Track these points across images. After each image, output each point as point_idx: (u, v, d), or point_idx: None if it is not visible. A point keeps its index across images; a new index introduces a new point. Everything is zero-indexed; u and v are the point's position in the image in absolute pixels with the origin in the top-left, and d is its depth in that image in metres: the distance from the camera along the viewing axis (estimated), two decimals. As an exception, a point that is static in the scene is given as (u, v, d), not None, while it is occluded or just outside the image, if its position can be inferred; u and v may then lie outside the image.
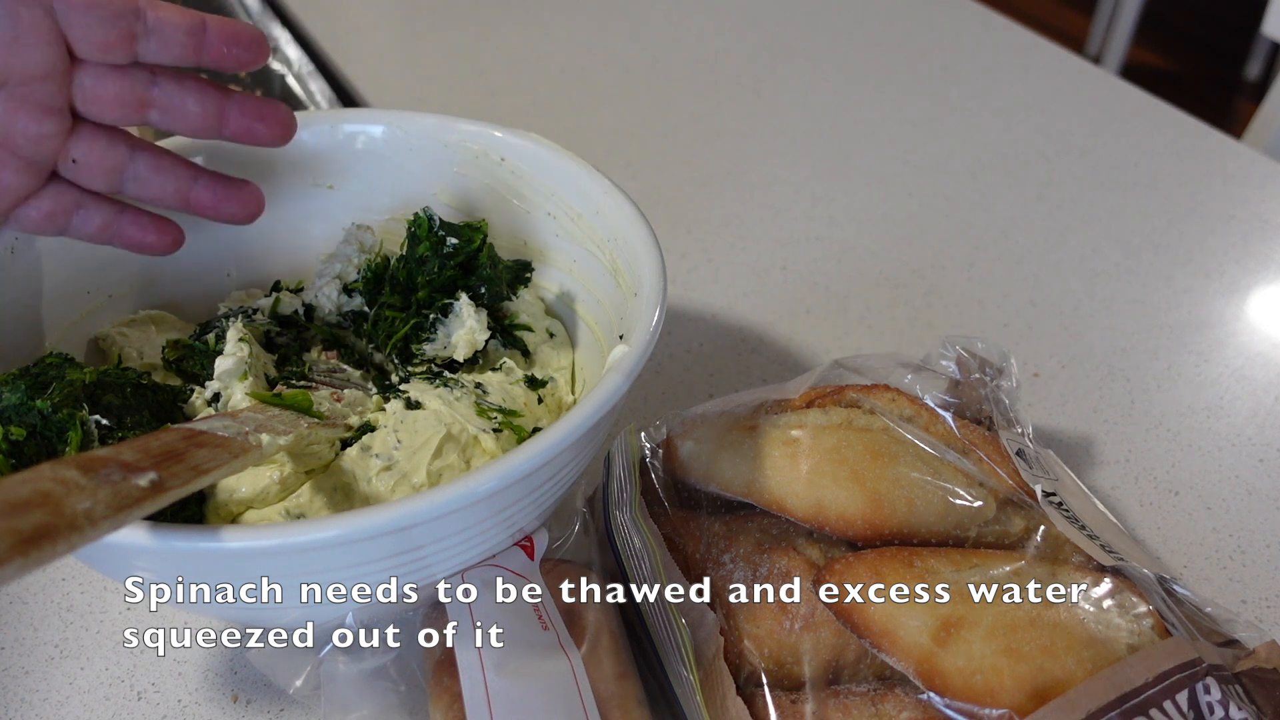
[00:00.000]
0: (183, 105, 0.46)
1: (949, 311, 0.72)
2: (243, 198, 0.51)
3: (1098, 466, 0.61)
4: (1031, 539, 0.46)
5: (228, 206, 0.51)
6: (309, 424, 0.45)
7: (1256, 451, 0.62)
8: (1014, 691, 0.39)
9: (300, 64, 0.92)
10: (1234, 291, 0.74)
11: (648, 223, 0.51)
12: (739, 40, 1.03)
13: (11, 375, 0.43)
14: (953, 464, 0.47)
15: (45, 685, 0.50)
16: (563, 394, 0.54)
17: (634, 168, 0.85)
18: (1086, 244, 0.78)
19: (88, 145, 0.46)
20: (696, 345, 0.69)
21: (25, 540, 0.27)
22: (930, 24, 1.06)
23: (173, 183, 0.49)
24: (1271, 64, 2.51)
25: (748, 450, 0.48)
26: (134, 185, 0.48)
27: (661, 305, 0.46)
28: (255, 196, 0.52)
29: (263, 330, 0.54)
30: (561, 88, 0.95)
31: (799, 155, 0.87)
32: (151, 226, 0.50)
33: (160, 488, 0.33)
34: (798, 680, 0.43)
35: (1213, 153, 0.88)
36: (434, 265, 0.53)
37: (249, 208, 0.51)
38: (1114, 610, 0.42)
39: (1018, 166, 0.86)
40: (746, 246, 0.77)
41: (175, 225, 0.51)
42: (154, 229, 0.50)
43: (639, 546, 0.47)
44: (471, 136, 0.56)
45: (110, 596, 0.53)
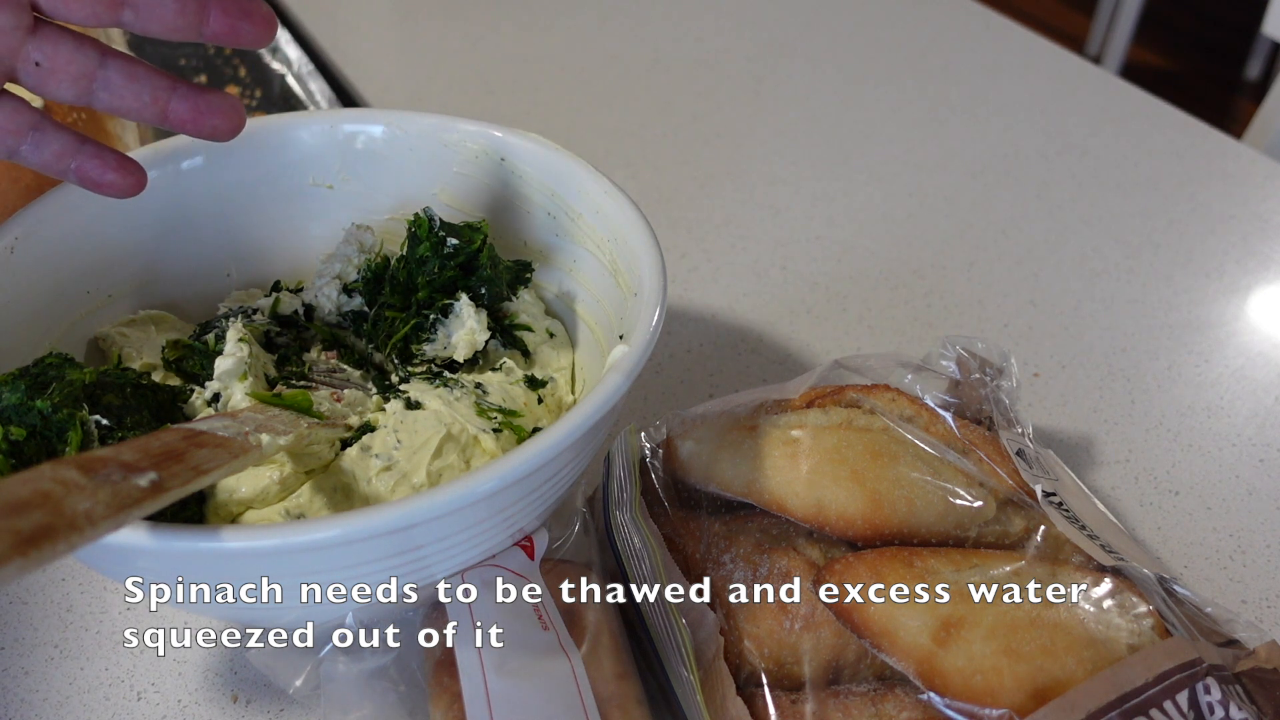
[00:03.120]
0: (160, 2, 0.42)
1: (949, 311, 0.72)
2: (224, 109, 0.46)
3: (1098, 466, 0.61)
4: (1031, 539, 0.46)
5: (209, 119, 0.45)
6: (309, 424, 0.45)
7: (1256, 451, 0.62)
8: (1014, 691, 0.39)
9: (300, 64, 0.92)
10: (1234, 291, 0.74)
11: (648, 223, 0.51)
12: (739, 40, 1.03)
13: (11, 375, 0.43)
14: (953, 464, 0.47)
15: (45, 685, 0.50)
16: (563, 394, 0.54)
17: (634, 168, 0.85)
18: (1086, 244, 0.78)
19: (52, 47, 0.42)
20: (696, 345, 0.69)
21: (25, 540, 0.27)
22: (930, 24, 1.06)
23: (148, 92, 0.44)
24: (1271, 64, 2.51)
25: (748, 450, 0.48)
26: (105, 95, 0.43)
27: (661, 305, 0.46)
28: (236, 108, 0.46)
29: (263, 330, 0.54)
30: (561, 88, 0.95)
31: (799, 155, 0.87)
32: (114, 162, 0.45)
33: (160, 488, 0.33)
34: (798, 680, 0.43)
35: (1213, 153, 0.88)
36: (434, 265, 0.52)
37: (231, 120, 0.46)
38: (1114, 610, 0.42)
39: (1018, 166, 0.86)
40: (746, 246, 0.77)
41: (139, 166, 0.46)
42: (116, 166, 0.45)
43: (639, 546, 0.47)
44: (471, 136, 0.56)
45: (110, 596, 0.53)
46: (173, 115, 0.45)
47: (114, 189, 0.46)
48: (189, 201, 0.56)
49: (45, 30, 0.42)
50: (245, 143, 0.56)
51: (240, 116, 0.46)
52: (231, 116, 0.46)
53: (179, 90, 0.45)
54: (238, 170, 0.56)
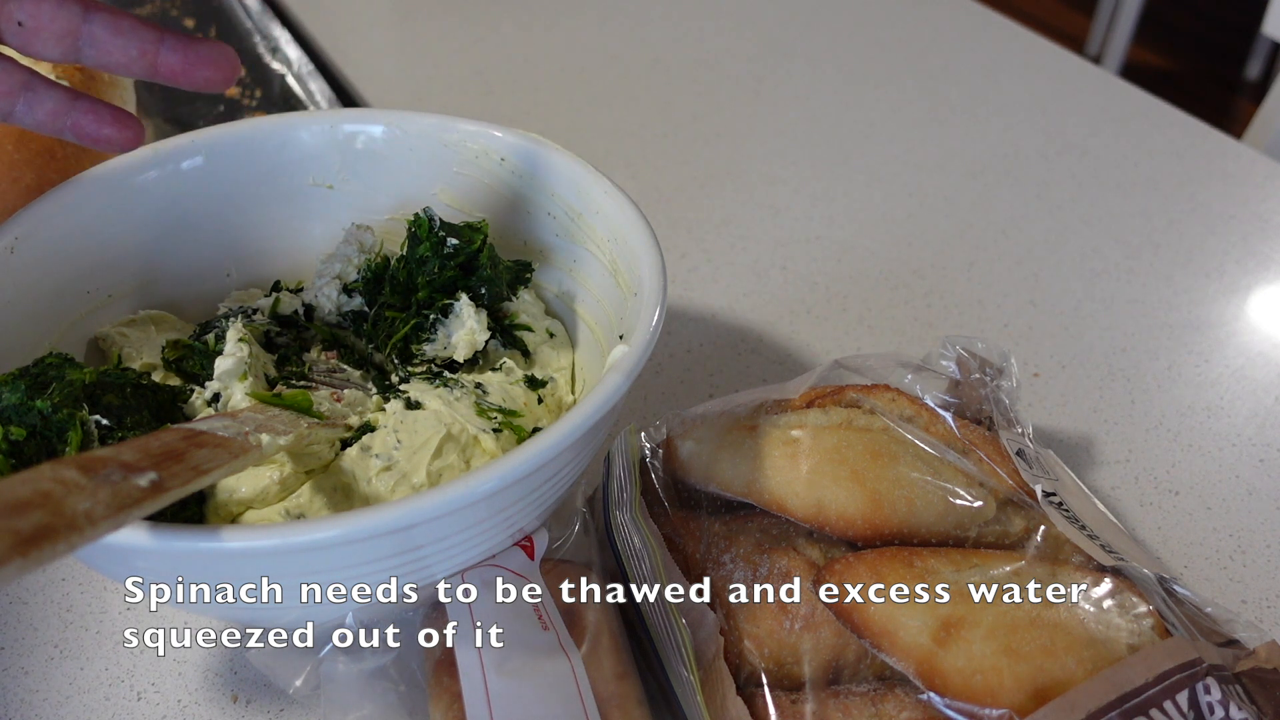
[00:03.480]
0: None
1: (949, 311, 0.72)
2: (215, 59, 0.44)
3: (1098, 466, 0.61)
4: (1031, 539, 0.46)
5: (200, 70, 0.44)
6: (309, 424, 0.45)
7: (1256, 451, 0.62)
8: (1014, 691, 0.39)
9: (300, 64, 0.92)
10: (1234, 291, 0.74)
11: (648, 223, 0.51)
12: (739, 40, 1.03)
13: (11, 375, 0.43)
14: (953, 464, 0.47)
15: (45, 685, 0.50)
16: (563, 394, 0.54)
17: (634, 168, 0.85)
18: (1086, 244, 0.78)
19: (34, 6, 0.41)
20: (696, 345, 0.69)
21: (25, 540, 0.27)
22: (930, 24, 1.06)
23: (136, 45, 0.43)
24: (1271, 64, 2.51)
25: (748, 450, 0.48)
26: (92, 51, 0.43)
27: (661, 305, 0.46)
28: (228, 57, 0.45)
29: (263, 330, 0.54)
30: (561, 88, 0.95)
31: (799, 155, 0.87)
32: (109, 117, 0.45)
33: (160, 488, 0.33)
34: (798, 680, 0.43)
35: (1213, 153, 0.88)
36: (434, 265, 0.52)
37: (223, 71, 0.45)
38: (1114, 610, 0.42)
39: (1018, 166, 0.86)
40: (746, 246, 0.77)
41: (135, 120, 0.46)
42: (112, 120, 0.45)
43: (639, 546, 0.47)
44: (471, 136, 0.56)
45: (110, 596, 0.53)
46: (163, 67, 0.44)
47: (111, 143, 0.46)
48: (189, 201, 0.56)
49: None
50: (245, 143, 0.56)
51: (233, 66, 0.45)
52: (223, 67, 0.45)
53: (167, 41, 0.44)
54: (238, 170, 0.56)
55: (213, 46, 0.44)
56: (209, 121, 0.83)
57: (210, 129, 0.56)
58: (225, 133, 0.56)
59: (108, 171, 0.53)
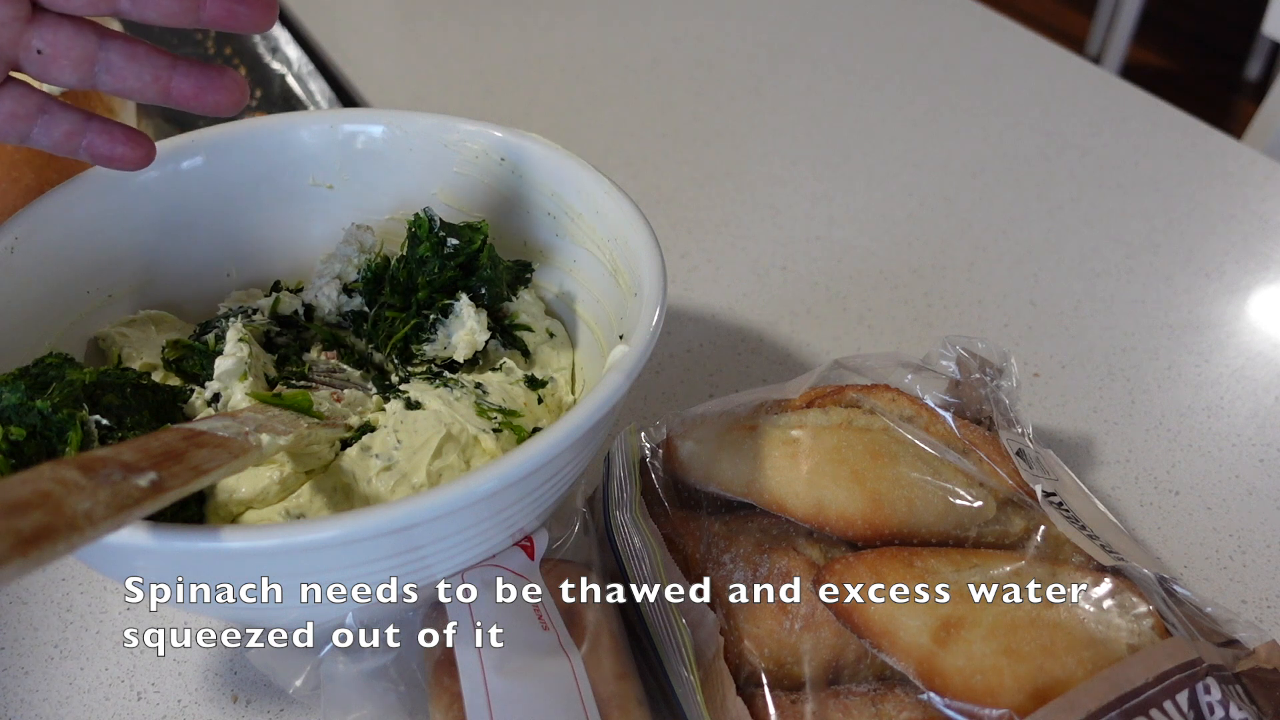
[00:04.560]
0: None
1: (949, 311, 0.72)
2: (226, 85, 0.46)
3: (1098, 466, 0.61)
4: (1031, 539, 0.46)
5: (211, 95, 0.46)
6: (309, 424, 0.45)
7: (1256, 451, 0.62)
8: (1014, 691, 0.39)
9: (300, 64, 0.92)
10: (1234, 291, 0.74)
11: (648, 223, 0.51)
12: (739, 40, 1.03)
13: (11, 375, 0.43)
14: (953, 464, 0.47)
15: (45, 685, 0.50)
16: (563, 394, 0.54)
17: (634, 168, 0.85)
18: (1086, 244, 0.78)
19: (52, 34, 0.42)
20: (696, 345, 0.69)
21: (25, 540, 0.27)
22: (930, 24, 1.06)
23: (150, 71, 0.44)
24: (1271, 64, 2.51)
25: (748, 450, 0.48)
26: (107, 77, 0.44)
27: (661, 305, 0.46)
28: (238, 83, 0.46)
29: (263, 330, 0.54)
30: (561, 88, 0.95)
31: (799, 155, 0.87)
32: (122, 137, 0.46)
33: (160, 488, 0.33)
34: (798, 680, 0.43)
35: (1213, 153, 0.88)
36: (434, 266, 0.53)
37: (233, 95, 0.46)
38: (1114, 610, 0.42)
39: (1018, 166, 0.86)
40: (746, 247, 0.77)
41: (146, 138, 0.47)
42: (125, 140, 0.46)
43: (639, 546, 0.47)
44: (471, 136, 0.56)
45: (110, 596, 0.53)
46: (175, 93, 0.45)
47: (125, 161, 0.47)
48: (189, 201, 0.56)
49: (44, 18, 0.42)
50: (245, 143, 0.56)
51: (243, 92, 0.46)
52: (234, 92, 0.46)
53: (180, 68, 0.45)
54: (238, 170, 0.56)
55: (223, 72, 0.46)
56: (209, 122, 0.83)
57: (210, 129, 0.56)
58: (225, 133, 0.56)
59: (107, 171, 0.53)
